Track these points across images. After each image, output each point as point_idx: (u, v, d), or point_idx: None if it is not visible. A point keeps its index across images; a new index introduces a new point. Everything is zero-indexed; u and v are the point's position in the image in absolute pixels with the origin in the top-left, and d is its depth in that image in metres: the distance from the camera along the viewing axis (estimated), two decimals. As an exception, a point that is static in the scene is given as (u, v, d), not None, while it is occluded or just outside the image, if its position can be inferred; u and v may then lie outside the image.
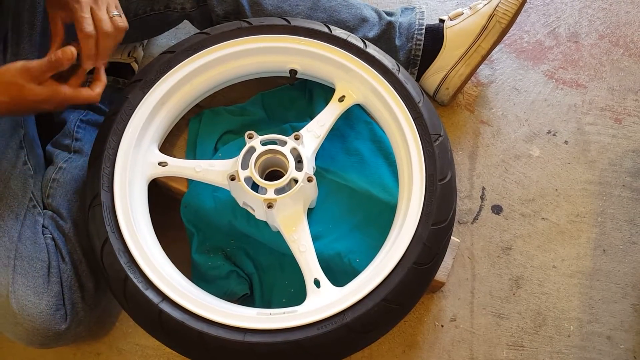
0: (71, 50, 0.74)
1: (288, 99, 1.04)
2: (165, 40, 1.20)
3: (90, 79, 1.03)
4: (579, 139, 1.12)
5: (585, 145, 1.11)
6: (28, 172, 0.88)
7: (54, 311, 0.82)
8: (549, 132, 1.12)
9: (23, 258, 0.82)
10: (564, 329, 0.98)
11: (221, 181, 0.85)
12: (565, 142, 1.11)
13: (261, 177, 0.83)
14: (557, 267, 1.02)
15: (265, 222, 0.87)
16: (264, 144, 0.85)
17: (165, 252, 0.84)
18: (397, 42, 1.03)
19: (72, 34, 0.80)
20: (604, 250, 1.03)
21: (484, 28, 1.04)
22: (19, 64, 0.73)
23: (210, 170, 0.86)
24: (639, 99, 1.15)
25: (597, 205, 1.06)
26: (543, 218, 1.05)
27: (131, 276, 0.76)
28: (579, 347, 0.96)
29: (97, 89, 0.81)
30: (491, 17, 1.04)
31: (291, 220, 0.83)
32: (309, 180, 0.82)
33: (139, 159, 0.86)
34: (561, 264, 1.02)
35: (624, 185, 1.08)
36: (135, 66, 1.11)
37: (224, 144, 0.97)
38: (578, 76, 1.18)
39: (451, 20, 1.06)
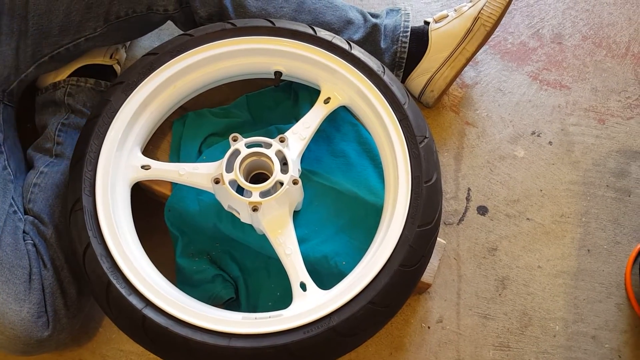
0: None
1: (273, 101, 1.04)
2: (148, 41, 1.18)
3: (71, 81, 1.02)
4: (563, 139, 1.12)
5: (569, 146, 1.12)
6: (8, 176, 0.87)
7: (36, 318, 0.80)
8: (534, 133, 1.13)
9: (3, 265, 0.80)
10: (550, 329, 0.98)
11: (205, 184, 0.84)
12: (550, 142, 1.12)
13: (246, 180, 0.83)
14: (542, 267, 1.02)
15: (251, 225, 0.87)
16: (248, 146, 0.84)
17: (149, 256, 0.83)
18: (382, 45, 1.03)
19: None
20: (589, 250, 1.04)
21: (469, 31, 1.04)
22: None
23: (194, 174, 0.85)
24: (622, 99, 1.16)
25: (582, 206, 1.07)
26: (528, 219, 1.06)
27: (114, 282, 0.75)
28: (565, 347, 0.97)
29: None
30: (476, 19, 1.04)
31: (277, 223, 0.82)
32: (295, 182, 0.82)
33: (121, 163, 0.85)
34: (546, 264, 1.02)
35: (607, 186, 1.08)
36: (117, 68, 1.10)
37: (208, 146, 0.96)
38: (562, 77, 1.18)
39: (436, 22, 1.07)
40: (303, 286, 0.79)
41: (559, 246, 1.04)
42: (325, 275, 0.86)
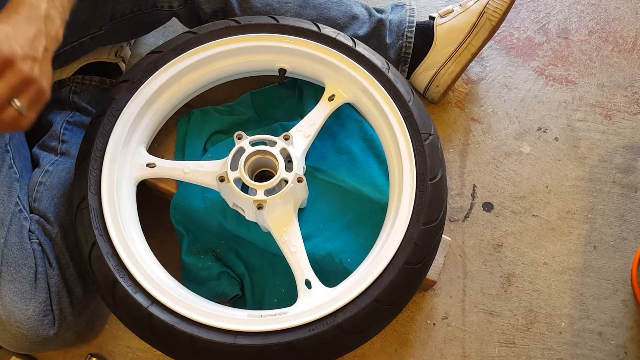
0: None
1: (278, 98, 1.04)
2: (153, 39, 1.18)
3: (76, 79, 1.02)
4: (569, 135, 1.12)
5: (576, 142, 1.11)
6: (14, 175, 0.87)
7: (42, 317, 0.81)
8: (539, 128, 1.12)
9: (9, 264, 0.80)
10: (555, 325, 0.98)
11: (210, 182, 0.84)
12: (556, 138, 1.11)
13: (251, 178, 0.83)
14: (548, 263, 1.02)
15: (256, 223, 0.87)
16: (253, 144, 0.84)
17: (155, 254, 0.84)
18: (388, 40, 1.02)
19: None
20: (595, 247, 1.03)
21: (474, 26, 1.03)
22: None
23: (199, 171, 0.85)
24: (628, 94, 1.16)
25: (588, 202, 1.06)
26: (534, 215, 1.05)
27: (120, 280, 0.76)
28: (571, 344, 0.97)
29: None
30: (481, 14, 1.03)
31: (281, 221, 0.82)
32: (299, 180, 0.81)
33: (126, 161, 0.85)
34: (552, 261, 1.02)
35: (614, 182, 1.08)
36: (122, 66, 1.10)
37: (213, 144, 0.96)
38: (568, 72, 1.18)
39: (441, 17, 1.06)
40: (308, 284, 0.79)
41: (564, 242, 1.03)
42: (330, 272, 0.86)
